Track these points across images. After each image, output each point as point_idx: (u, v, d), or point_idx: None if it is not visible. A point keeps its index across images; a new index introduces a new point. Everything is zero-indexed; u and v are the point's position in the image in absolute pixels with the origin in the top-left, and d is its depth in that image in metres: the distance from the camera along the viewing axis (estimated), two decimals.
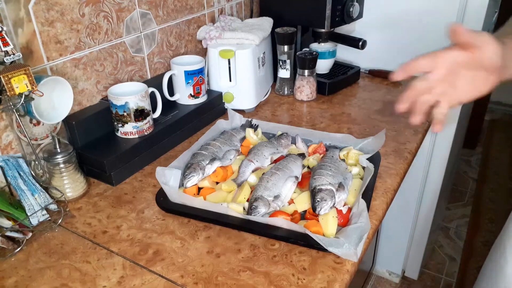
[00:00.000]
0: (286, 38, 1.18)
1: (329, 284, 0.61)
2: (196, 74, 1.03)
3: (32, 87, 0.70)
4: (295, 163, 0.83)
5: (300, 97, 1.21)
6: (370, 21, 1.34)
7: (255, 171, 0.84)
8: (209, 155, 0.84)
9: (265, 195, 0.74)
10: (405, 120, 1.07)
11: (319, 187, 0.73)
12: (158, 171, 0.78)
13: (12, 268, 0.66)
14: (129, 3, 0.95)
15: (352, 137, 0.94)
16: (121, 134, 0.90)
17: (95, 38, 0.90)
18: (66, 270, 0.66)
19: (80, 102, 0.90)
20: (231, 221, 0.72)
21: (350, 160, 0.87)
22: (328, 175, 0.76)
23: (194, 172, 0.81)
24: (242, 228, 0.71)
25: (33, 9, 0.76)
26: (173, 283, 0.62)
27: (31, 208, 0.74)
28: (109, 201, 0.81)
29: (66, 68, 0.86)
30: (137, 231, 0.73)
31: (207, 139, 0.93)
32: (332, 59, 1.29)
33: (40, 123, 0.82)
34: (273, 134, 1.00)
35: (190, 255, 0.67)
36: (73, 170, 0.81)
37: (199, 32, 1.17)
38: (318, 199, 0.71)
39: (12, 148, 0.79)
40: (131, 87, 0.92)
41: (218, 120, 1.02)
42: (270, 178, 0.77)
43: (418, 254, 1.68)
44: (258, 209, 0.72)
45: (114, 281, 0.63)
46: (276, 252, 0.67)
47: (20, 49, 0.76)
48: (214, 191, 0.81)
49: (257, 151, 0.87)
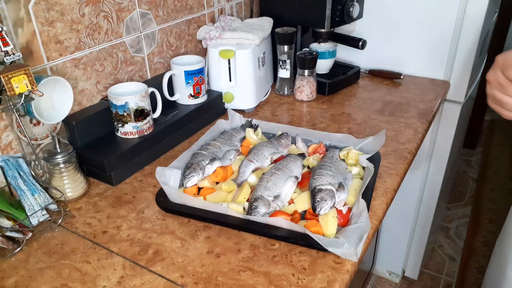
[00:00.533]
0: (286, 38, 1.18)
1: (329, 284, 0.61)
2: (196, 74, 1.03)
3: (32, 87, 0.70)
4: (295, 163, 0.83)
5: (300, 97, 1.21)
6: (370, 21, 1.34)
7: (255, 171, 0.84)
8: (209, 155, 0.84)
9: (265, 195, 0.74)
10: (406, 120, 1.08)
11: (319, 187, 0.73)
12: (158, 171, 0.78)
13: (12, 268, 0.66)
14: (129, 3, 0.95)
15: (352, 137, 0.94)
16: (121, 134, 0.90)
17: (95, 38, 0.90)
18: (66, 270, 0.66)
19: (80, 102, 0.90)
20: (231, 221, 0.72)
21: (350, 160, 0.87)
22: (328, 175, 0.76)
23: (194, 172, 0.81)
24: (242, 228, 0.71)
25: (33, 9, 0.76)
26: (173, 283, 0.62)
27: (31, 208, 0.74)
28: (109, 201, 0.81)
29: (66, 68, 0.86)
30: (137, 231, 0.73)
31: (207, 139, 0.93)
32: (332, 59, 1.29)
33: (40, 123, 0.82)
34: (273, 134, 1.00)
35: (190, 255, 0.67)
36: (73, 170, 0.81)
37: (199, 32, 1.17)
38: (318, 199, 0.71)
39: (12, 148, 0.79)
40: (131, 87, 0.92)
41: (218, 120, 1.02)
42: (270, 178, 0.77)
43: (418, 254, 1.68)
44: (258, 209, 0.72)
45: (114, 281, 0.63)
46: (276, 252, 0.67)
47: (20, 49, 0.76)
48: (214, 191, 0.81)
49: (257, 151, 0.87)
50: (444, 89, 1.26)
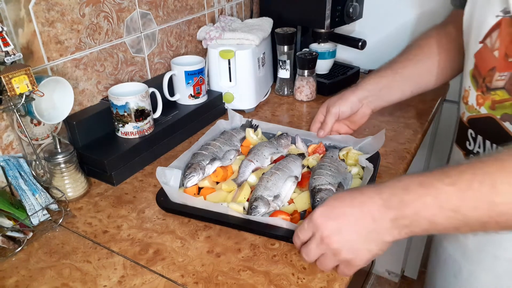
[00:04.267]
0: (286, 38, 1.18)
1: (329, 284, 0.61)
2: (196, 74, 1.03)
3: (32, 87, 0.70)
4: (295, 163, 0.83)
5: (300, 97, 1.21)
6: (370, 21, 1.34)
7: (255, 171, 0.84)
8: (209, 155, 0.84)
9: (265, 195, 0.74)
10: (405, 120, 1.08)
11: (318, 187, 0.73)
12: (159, 171, 0.78)
13: (13, 268, 0.66)
14: (129, 3, 0.95)
15: (351, 137, 0.94)
16: (122, 134, 0.91)
17: (95, 38, 0.90)
18: (66, 269, 0.66)
19: (81, 102, 0.91)
20: (231, 220, 0.72)
21: (349, 160, 0.87)
22: (328, 175, 0.76)
23: (194, 172, 0.81)
24: (242, 227, 0.72)
25: (33, 9, 0.77)
26: (173, 283, 0.63)
27: (31, 208, 0.74)
28: (110, 201, 0.81)
29: (67, 68, 0.86)
30: (137, 231, 0.73)
31: (207, 139, 0.93)
32: (332, 59, 1.29)
33: (40, 123, 0.82)
34: (273, 134, 1.00)
35: (190, 255, 0.67)
36: (74, 170, 0.81)
37: (199, 32, 1.18)
38: (318, 199, 0.71)
39: (13, 148, 0.79)
40: (132, 87, 0.92)
41: (218, 120, 1.02)
42: (270, 178, 0.77)
43: (417, 254, 1.68)
44: (258, 208, 0.72)
45: (114, 280, 0.63)
46: (276, 251, 0.68)
47: (21, 50, 0.76)
48: (214, 191, 0.81)
49: (257, 151, 0.87)
50: (443, 89, 1.26)
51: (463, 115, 0.75)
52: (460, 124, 0.77)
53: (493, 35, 0.64)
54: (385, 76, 0.90)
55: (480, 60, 0.68)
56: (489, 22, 0.64)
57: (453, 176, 0.50)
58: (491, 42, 0.65)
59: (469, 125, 0.73)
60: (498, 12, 0.62)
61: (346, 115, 0.92)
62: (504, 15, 0.62)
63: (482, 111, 0.69)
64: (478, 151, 0.72)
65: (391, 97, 0.91)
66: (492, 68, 0.65)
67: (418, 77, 0.89)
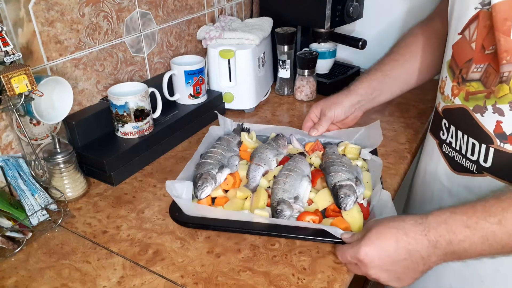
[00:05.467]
0: (286, 38, 1.18)
1: (329, 284, 0.61)
2: (196, 74, 1.03)
3: (32, 87, 0.70)
4: (302, 162, 0.82)
5: (300, 97, 1.21)
6: (370, 21, 1.34)
7: (265, 175, 0.82)
8: (216, 163, 0.81)
9: (286, 197, 0.73)
10: (405, 120, 1.08)
11: (339, 184, 0.73)
12: (168, 185, 0.74)
13: (12, 268, 0.66)
14: (129, 3, 0.95)
15: (343, 131, 0.95)
16: (121, 134, 0.90)
17: (95, 38, 0.90)
18: (66, 270, 0.66)
19: (80, 102, 0.90)
20: (258, 228, 0.70)
21: (349, 155, 0.88)
22: (344, 170, 0.76)
23: (206, 182, 0.76)
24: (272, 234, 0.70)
25: (33, 9, 0.76)
26: (173, 283, 0.62)
27: (31, 208, 0.74)
28: (109, 201, 0.81)
29: (66, 68, 0.86)
30: (137, 231, 0.73)
31: (206, 147, 0.90)
32: (332, 59, 1.29)
33: (40, 123, 0.82)
34: (266, 136, 0.98)
35: (190, 255, 0.67)
36: (73, 170, 0.81)
37: (199, 32, 1.17)
38: (341, 195, 0.71)
39: (12, 148, 0.79)
40: (131, 87, 0.92)
41: (210, 127, 0.98)
42: (286, 180, 0.76)
43: None
44: (283, 212, 0.70)
45: (114, 281, 0.63)
46: (276, 252, 0.67)
47: (20, 49, 0.76)
48: (228, 200, 0.78)
49: (261, 154, 0.86)
50: None
51: (439, 105, 0.76)
52: (435, 113, 0.78)
53: (471, 27, 0.65)
54: (375, 79, 0.92)
55: (457, 52, 0.69)
56: (468, 14, 0.65)
57: (498, 215, 0.53)
58: (469, 34, 0.65)
59: (443, 115, 0.74)
60: (477, 4, 0.63)
61: (340, 119, 0.95)
62: (482, 7, 0.62)
63: (456, 102, 0.70)
64: (451, 141, 0.73)
65: (381, 98, 0.95)
66: (469, 59, 0.66)
67: (406, 77, 0.92)
